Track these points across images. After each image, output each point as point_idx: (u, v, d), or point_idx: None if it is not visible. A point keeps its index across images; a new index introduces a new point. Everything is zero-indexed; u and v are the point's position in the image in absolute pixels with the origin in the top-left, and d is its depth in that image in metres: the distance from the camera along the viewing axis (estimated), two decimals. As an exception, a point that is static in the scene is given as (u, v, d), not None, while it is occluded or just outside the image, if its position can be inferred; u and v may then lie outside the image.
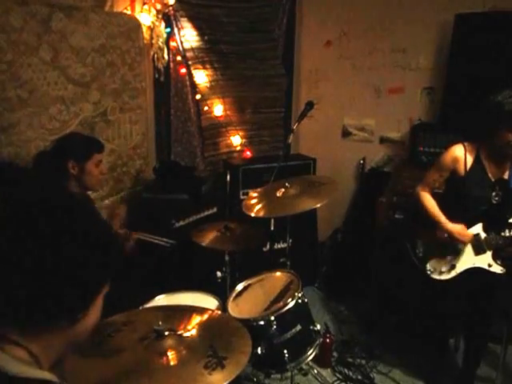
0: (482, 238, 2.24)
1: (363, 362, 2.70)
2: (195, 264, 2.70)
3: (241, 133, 3.73)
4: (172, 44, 3.14)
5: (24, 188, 0.74)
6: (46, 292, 0.69)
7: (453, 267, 2.27)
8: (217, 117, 3.55)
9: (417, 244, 2.38)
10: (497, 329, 2.43)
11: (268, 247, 3.31)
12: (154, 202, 2.80)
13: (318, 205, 2.19)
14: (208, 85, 3.44)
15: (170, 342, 1.32)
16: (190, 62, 3.29)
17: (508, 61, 2.76)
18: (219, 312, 1.80)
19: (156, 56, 2.94)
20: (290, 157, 3.41)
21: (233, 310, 1.98)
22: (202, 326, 1.44)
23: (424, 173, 2.41)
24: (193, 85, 3.35)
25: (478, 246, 2.24)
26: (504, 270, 2.21)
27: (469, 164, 2.22)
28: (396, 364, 2.71)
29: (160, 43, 2.92)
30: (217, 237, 2.38)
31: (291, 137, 2.65)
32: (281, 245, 3.34)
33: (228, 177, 3.12)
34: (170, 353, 1.28)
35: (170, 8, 2.99)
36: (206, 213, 2.97)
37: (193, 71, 3.32)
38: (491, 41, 2.81)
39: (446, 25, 3.11)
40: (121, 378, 1.19)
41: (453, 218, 2.26)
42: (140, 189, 2.96)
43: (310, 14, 3.82)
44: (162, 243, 2.33)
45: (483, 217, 2.23)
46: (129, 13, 2.77)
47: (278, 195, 2.33)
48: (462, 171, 2.22)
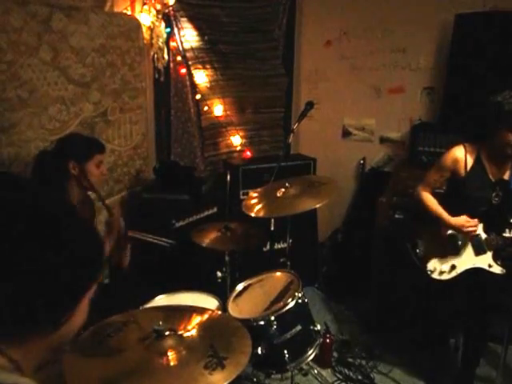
0: (483, 239, 2.25)
1: (363, 362, 2.70)
2: (195, 264, 2.70)
3: (241, 133, 3.73)
4: (172, 44, 3.14)
5: (12, 195, 0.73)
6: (27, 299, 0.67)
7: (453, 267, 2.27)
8: (217, 117, 3.55)
9: (417, 244, 2.39)
10: (497, 329, 2.43)
11: (268, 247, 3.31)
12: (154, 202, 2.80)
13: (318, 205, 2.19)
14: (208, 85, 3.44)
15: (170, 342, 1.32)
16: (190, 62, 3.29)
17: (508, 61, 2.76)
18: (219, 312, 1.80)
19: (156, 56, 2.94)
20: (290, 157, 3.40)
21: (233, 310, 1.98)
22: (203, 326, 1.44)
23: (424, 173, 2.41)
24: (193, 85, 3.35)
25: (479, 247, 2.25)
26: (504, 271, 2.22)
27: (469, 165, 2.22)
28: (396, 364, 2.71)
29: (160, 43, 2.92)
30: (217, 237, 2.38)
31: (291, 137, 2.66)
32: (281, 245, 3.34)
33: (228, 177, 3.11)
34: (170, 353, 1.28)
35: (170, 8, 2.99)
36: (206, 213, 2.97)
37: (193, 71, 3.33)
38: (491, 41, 2.81)
39: (446, 25, 3.11)
40: (121, 378, 1.19)
41: (453, 218, 2.26)
42: (140, 189, 2.96)
43: (310, 14, 3.82)
44: (161, 243, 2.33)
45: (484, 217, 2.24)
46: (129, 13, 2.77)
47: (278, 195, 2.34)
48: (463, 172, 2.23)
